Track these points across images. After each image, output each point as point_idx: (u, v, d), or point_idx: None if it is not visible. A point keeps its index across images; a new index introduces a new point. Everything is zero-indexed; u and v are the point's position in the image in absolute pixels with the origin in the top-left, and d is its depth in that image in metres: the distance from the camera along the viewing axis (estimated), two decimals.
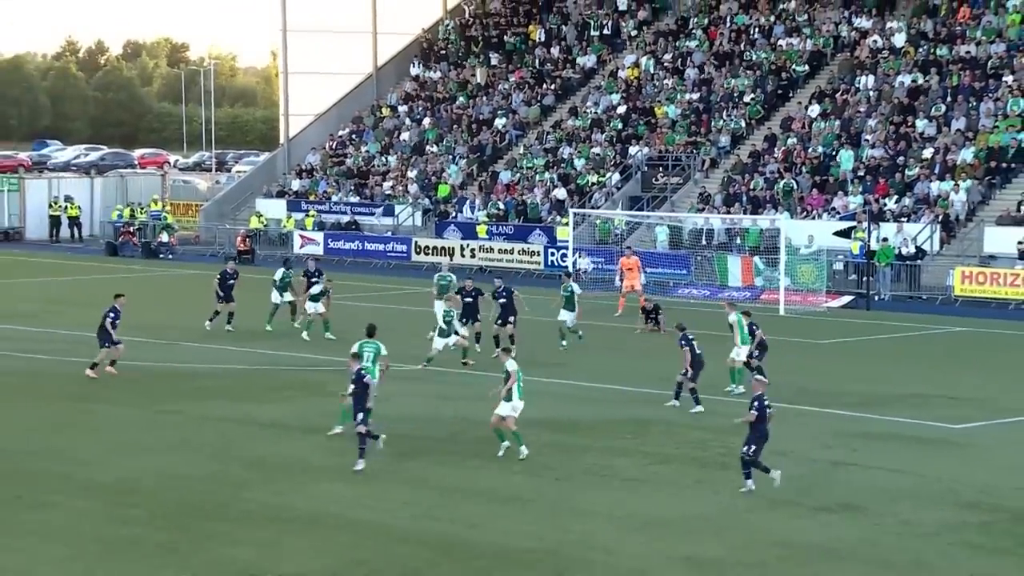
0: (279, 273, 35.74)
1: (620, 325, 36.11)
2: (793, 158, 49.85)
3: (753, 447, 19.14)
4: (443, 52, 65.89)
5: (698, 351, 25.17)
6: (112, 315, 28.23)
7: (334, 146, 63.73)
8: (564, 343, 32.10)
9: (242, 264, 53.75)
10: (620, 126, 55.62)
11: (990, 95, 48.20)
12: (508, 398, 21.41)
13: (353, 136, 63.85)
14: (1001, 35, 50.27)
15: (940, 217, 44.55)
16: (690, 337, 25.23)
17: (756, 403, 19.29)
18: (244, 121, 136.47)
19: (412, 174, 58.64)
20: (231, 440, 22.99)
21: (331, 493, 19.53)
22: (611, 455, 21.85)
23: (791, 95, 53.43)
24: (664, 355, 29.35)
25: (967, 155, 46.36)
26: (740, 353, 26.53)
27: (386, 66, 66.78)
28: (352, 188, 59.87)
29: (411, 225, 56.21)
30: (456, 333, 28.86)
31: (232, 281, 34.96)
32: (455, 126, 60.86)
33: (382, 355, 23.33)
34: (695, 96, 55.11)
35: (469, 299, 30.52)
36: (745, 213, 47.73)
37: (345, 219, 57.40)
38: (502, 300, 30.89)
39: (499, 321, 30.68)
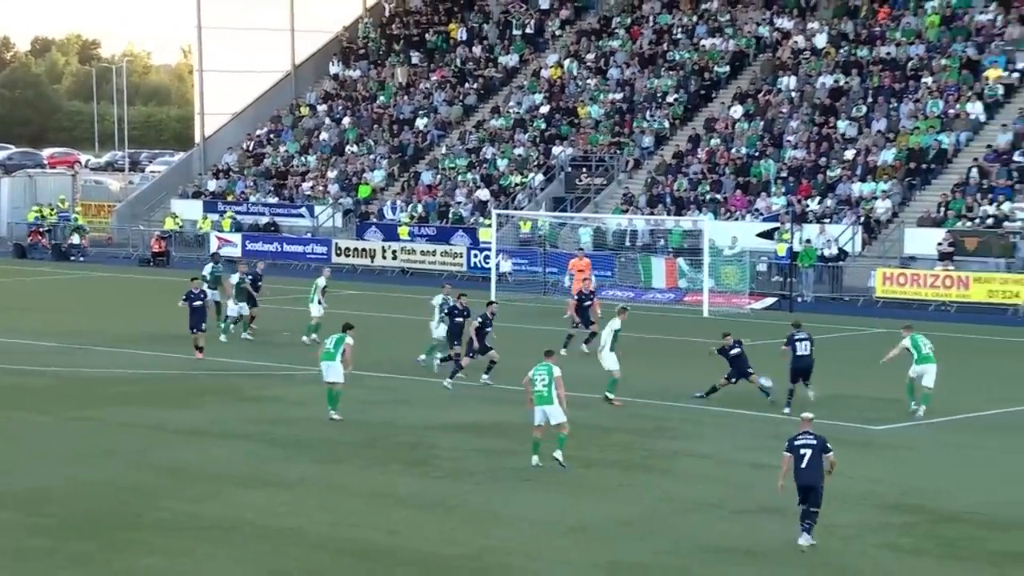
0: (207, 268, 35.49)
1: (551, 329, 36.19)
2: (716, 159, 50.35)
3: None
4: (363, 51, 65.71)
5: (800, 353, 25.31)
6: None
7: (252, 146, 63.29)
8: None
9: (157, 266, 53.58)
10: (543, 126, 55.82)
11: (910, 96, 49.02)
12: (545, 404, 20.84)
13: (271, 136, 63.45)
14: (920, 36, 51.15)
15: (862, 218, 45.23)
16: (795, 337, 25.40)
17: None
18: (158, 120, 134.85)
19: (332, 174, 58.43)
20: (147, 447, 22.77)
21: (249, 500, 19.42)
22: None
23: (714, 96, 53.96)
24: (590, 359, 29.50)
25: (888, 156, 47.11)
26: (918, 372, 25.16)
27: (304, 64, 66.42)
28: (271, 189, 59.51)
29: (331, 226, 55.99)
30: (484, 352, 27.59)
31: (251, 281, 34.04)
32: (376, 126, 60.72)
33: (345, 344, 24.15)
34: (618, 96, 55.46)
35: (460, 319, 28.63)
36: (669, 214, 48.12)
37: (263, 220, 57.03)
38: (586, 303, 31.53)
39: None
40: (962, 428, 24.46)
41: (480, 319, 28.05)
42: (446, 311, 28.86)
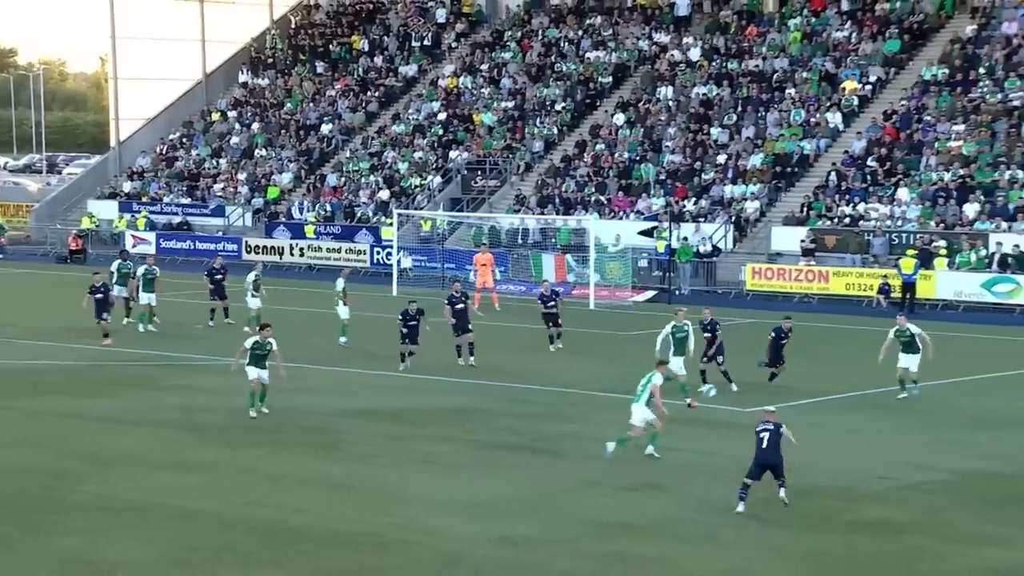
0: (115, 264, 35.05)
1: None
2: (601, 163, 50.73)
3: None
4: (270, 60, 65.11)
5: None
6: None
7: (165, 149, 62.39)
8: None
9: (74, 263, 52.60)
10: (441, 132, 55.78)
11: (776, 106, 49.81)
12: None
13: (184, 140, 62.61)
14: (784, 51, 51.99)
15: (733, 218, 45.89)
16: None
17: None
18: (75, 125, 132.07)
19: (242, 176, 57.87)
20: (65, 434, 22.40)
21: (163, 483, 19.20)
22: (433, 442, 21.97)
23: (598, 104, 54.33)
24: (479, 348, 29.58)
25: (756, 161, 47.84)
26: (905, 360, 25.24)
27: (215, 73, 65.65)
28: (183, 190, 58.75)
29: (241, 225, 55.43)
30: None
31: (220, 276, 34.14)
32: (283, 131, 60.21)
33: (273, 350, 23.48)
34: (510, 104, 55.61)
35: (413, 322, 28.23)
36: (557, 214, 48.38)
37: (176, 219, 56.36)
38: (551, 304, 30.58)
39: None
40: (819, 409, 24.88)
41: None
42: (400, 316, 28.41)
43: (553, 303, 30.92)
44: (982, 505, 18.38)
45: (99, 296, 31.46)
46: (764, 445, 17.88)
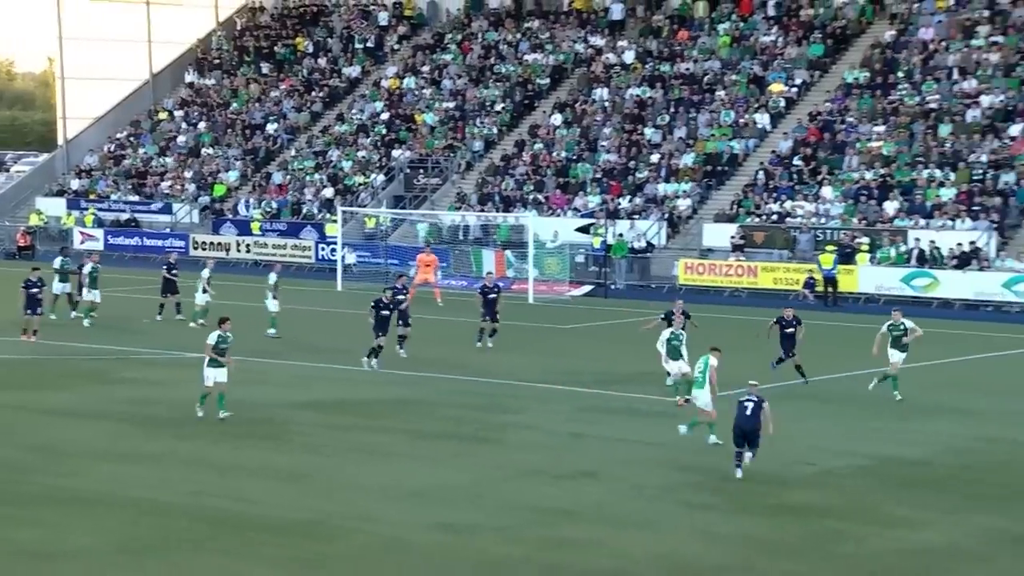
0: (57, 261, 34.77)
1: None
2: (539, 161, 50.85)
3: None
4: (217, 61, 64.56)
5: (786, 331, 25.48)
6: None
7: (112, 148, 61.69)
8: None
9: (22, 259, 51.84)
10: (384, 131, 55.63)
11: (706, 107, 50.20)
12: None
13: (131, 138, 61.94)
14: (714, 54, 52.39)
15: (666, 215, 46.20)
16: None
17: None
18: (23, 123, 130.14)
19: (189, 175, 57.37)
20: (15, 427, 22.13)
21: (110, 474, 19.04)
22: (377, 433, 21.97)
23: (536, 105, 54.44)
24: (421, 341, 29.60)
25: (688, 160, 48.19)
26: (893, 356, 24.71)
27: (162, 73, 65.03)
28: (131, 187, 58.15)
29: (189, 222, 54.96)
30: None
31: (175, 271, 34.20)
32: (229, 130, 59.74)
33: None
34: (451, 105, 55.58)
35: (386, 312, 27.38)
36: (497, 211, 48.46)
37: (124, 216, 55.78)
38: (491, 296, 30.09)
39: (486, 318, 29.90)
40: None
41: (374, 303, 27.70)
42: (372, 304, 27.78)
43: (494, 295, 30.91)
44: (898, 489, 18.70)
45: (33, 291, 30.89)
46: (747, 413, 18.97)
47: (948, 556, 15.62)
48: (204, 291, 33.19)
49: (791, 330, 25.88)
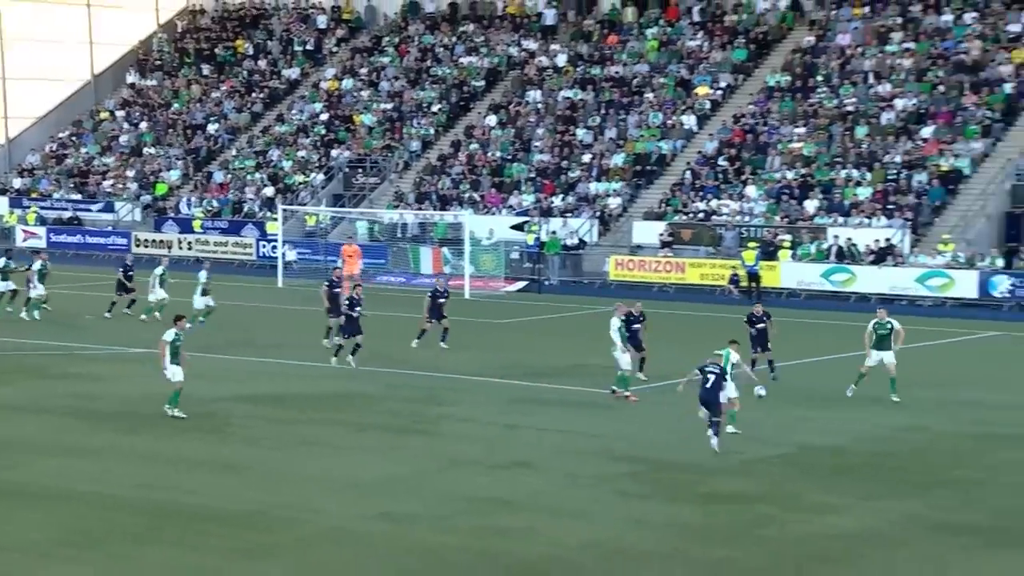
0: (0, 262, 34.24)
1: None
2: (475, 161, 50.73)
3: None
4: (158, 62, 63.69)
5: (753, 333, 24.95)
6: None
7: (55, 147, 60.62)
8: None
9: None
10: (323, 132, 55.19)
11: (635, 109, 50.38)
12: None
13: (73, 138, 60.89)
14: (643, 58, 52.59)
15: (597, 213, 46.29)
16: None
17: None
18: None
19: (131, 174, 56.54)
20: None
21: (53, 468, 18.64)
22: (317, 425, 21.74)
23: (472, 106, 54.30)
24: (372, 336, 29.39)
25: (618, 160, 48.33)
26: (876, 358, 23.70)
27: (104, 74, 64.05)
28: (73, 186, 57.17)
29: (131, 220, 54.15)
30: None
31: (131, 272, 33.94)
32: (171, 130, 58.94)
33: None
34: (389, 106, 55.27)
35: (355, 313, 26.79)
36: (435, 209, 48.27)
37: (67, 215, 54.86)
38: (441, 300, 29.56)
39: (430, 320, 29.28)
40: (673, 391, 25.15)
41: (347, 300, 27.20)
42: (346, 303, 27.20)
43: (444, 299, 30.55)
44: (821, 476, 18.84)
45: None
46: (708, 385, 19.60)
47: (869, 540, 15.75)
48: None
49: (761, 325, 25.25)
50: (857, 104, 46.63)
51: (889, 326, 23.81)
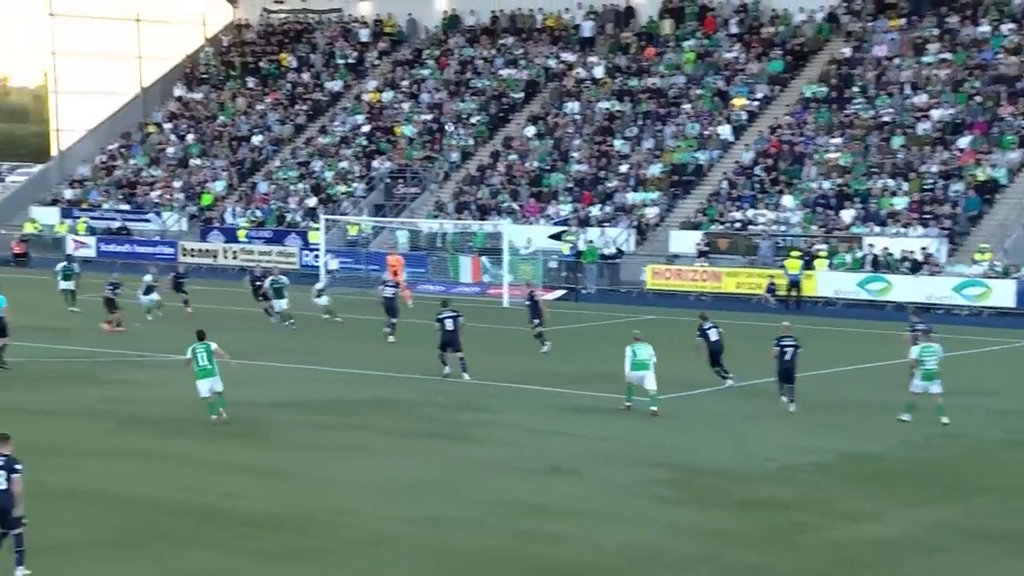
0: (60, 266, 36.27)
1: (370, 318, 35.93)
2: (513, 172, 50.75)
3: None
4: (204, 76, 64.25)
5: (714, 339, 24.51)
6: None
7: (104, 159, 61.29)
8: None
9: (18, 267, 51.42)
10: (365, 143, 55.41)
11: (672, 120, 50.21)
12: None
13: (122, 150, 61.53)
14: (680, 69, 52.42)
15: (635, 223, 46.15)
16: (705, 327, 24.52)
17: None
18: (17, 136, 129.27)
19: (177, 184, 57.06)
20: (4, 426, 21.76)
21: (99, 471, 18.78)
22: (357, 431, 21.77)
23: (511, 118, 54.34)
24: (398, 344, 29.39)
25: (655, 170, 48.18)
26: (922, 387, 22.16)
27: (152, 87, 64.70)
28: (122, 197, 57.77)
29: (177, 230, 54.63)
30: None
31: (182, 279, 36.62)
32: (216, 142, 59.41)
33: (214, 350, 21.95)
34: (429, 117, 55.43)
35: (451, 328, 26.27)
36: (474, 219, 48.31)
37: (116, 225, 55.46)
38: (528, 303, 30.40)
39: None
40: (712, 397, 25.01)
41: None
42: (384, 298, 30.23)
43: (533, 301, 30.44)
44: (855, 483, 18.64)
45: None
46: (787, 357, 21.55)
47: (905, 547, 15.56)
48: (145, 295, 34.58)
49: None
50: (893, 115, 46.23)
51: (934, 356, 22.16)
